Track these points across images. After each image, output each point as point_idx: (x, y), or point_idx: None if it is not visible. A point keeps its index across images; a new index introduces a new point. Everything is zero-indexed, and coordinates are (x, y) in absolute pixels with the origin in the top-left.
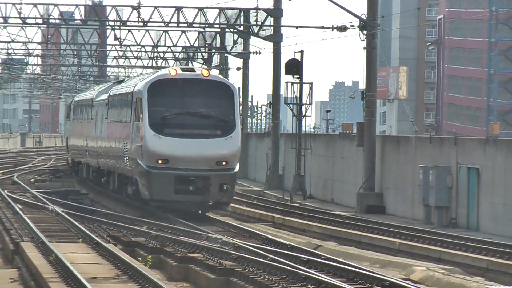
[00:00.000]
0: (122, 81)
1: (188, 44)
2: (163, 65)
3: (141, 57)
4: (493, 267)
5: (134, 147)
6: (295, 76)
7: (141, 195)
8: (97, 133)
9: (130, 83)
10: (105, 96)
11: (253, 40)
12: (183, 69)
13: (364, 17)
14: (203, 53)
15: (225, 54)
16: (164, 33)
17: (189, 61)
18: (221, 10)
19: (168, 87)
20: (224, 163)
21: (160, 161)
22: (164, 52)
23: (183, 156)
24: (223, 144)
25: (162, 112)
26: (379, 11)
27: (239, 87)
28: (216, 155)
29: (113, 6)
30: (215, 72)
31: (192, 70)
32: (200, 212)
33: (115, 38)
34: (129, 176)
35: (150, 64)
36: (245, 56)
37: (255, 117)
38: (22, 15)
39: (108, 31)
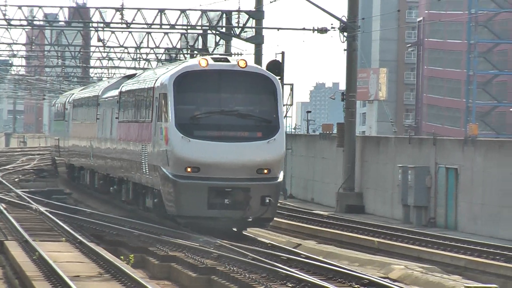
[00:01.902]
0: (133, 75)
1: (170, 46)
2: (146, 66)
3: (124, 59)
4: (471, 266)
5: (157, 152)
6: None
7: (166, 209)
8: (105, 134)
9: (149, 77)
10: (114, 93)
11: (235, 41)
12: (215, 59)
13: (344, 19)
14: (186, 55)
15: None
16: (147, 34)
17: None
18: (203, 12)
19: (198, 81)
20: (266, 171)
21: (189, 169)
22: (147, 54)
23: (217, 163)
24: (266, 149)
25: (192, 111)
26: (360, 13)
27: None
28: (257, 162)
29: (96, 8)
30: (252, 63)
31: (226, 60)
32: (235, 229)
33: (99, 39)
34: (148, 186)
35: (133, 66)
36: None
37: None
38: (6, 17)
39: (92, 32)
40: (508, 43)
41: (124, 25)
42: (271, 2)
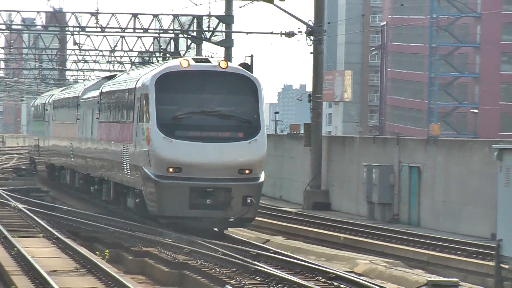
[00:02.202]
0: (113, 76)
1: (144, 49)
2: (120, 68)
3: (99, 61)
4: (433, 260)
5: (138, 152)
6: None
7: (148, 210)
8: (85, 135)
9: (130, 78)
10: (95, 94)
11: (205, 45)
12: (196, 60)
13: (311, 23)
14: (158, 58)
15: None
16: (121, 38)
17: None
18: (175, 16)
19: (179, 81)
20: (247, 171)
21: (171, 170)
22: (121, 57)
23: (199, 164)
24: (247, 149)
25: (173, 111)
26: (326, 17)
27: None
28: (238, 162)
29: (72, 13)
30: (233, 64)
31: (207, 61)
32: (216, 229)
33: (75, 43)
34: (130, 186)
35: (108, 68)
36: None
37: None
38: None
39: (68, 36)
40: (468, 47)
41: (99, 29)
42: (240, 7)
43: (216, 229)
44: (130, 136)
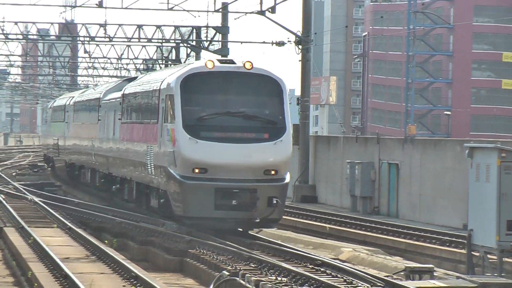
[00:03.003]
0: (134, 78)
1: (148, 57)
2: (126, 74)
3: (107, 68)
4: (410, 248)
5: (163, 152)
6: None
7: (173, 210)
8: (107, 135)
9: (154, 79)
10: (116, 95)
11: (204, 53)
12: (221, 61)
13: (299, 33)
14: (161, 65)
15: None
16: (127, 47)
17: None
18: (176, 27)
19: (204, 82)
20: (273, 172)
21: (196, 170)
22: (127, 64)
23: (224, 164)
24: (272, 150)
25: (199, 112)
26: (312, 28)
27: None
28: (264, 163)
29: (83, 24)
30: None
31: (232, 61)
32: (241, 230)
33: (85, 51)
34: (153, 187)
35: (115, 74)
36: None
37: None
38: (4, 31)
39: (79, 45)
40: (441, 55)
41: (107, 39)
42: (235, 19)
43: (240, 230)
44: (155, 137)
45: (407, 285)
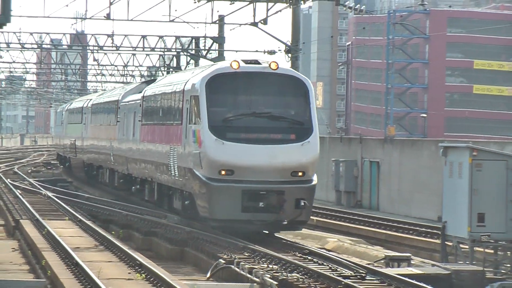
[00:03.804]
0: (152, 80)
1: (151, 65)
2: (132, 81)
3: (114, 75)
4: (390, 239)
5: (189, 154)
6: None
7: (199, 212)
8: (126, 136)
9: (176, 80)
10: (136, 97)
11: (202, 61)
12: (246, 61)
13: (289, 43)
14: (163, 72)
15: None
16: (132, 55)
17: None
18: (177, 37)
19: (230, 83)
20: (300, 173)
21: (223, 172)
22: (133, 71)
23: (251, 166)
24: (300, 151)
25: (225, 113)
26: (301, 38)
27: None
28: (291, 165)
29: (92, 35)
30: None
31: (257, 62)
32: (267, 232)
33: (94, 59)
34: (176, 188)
35: (121, 80)
36: None
37: None
38: (21, 41)
39: (89, 54)
40: (418, 62)
41: (114, 48)
42: (230, 30)
43: (266, 232)
44: (179, 138)
45: (387, 272)
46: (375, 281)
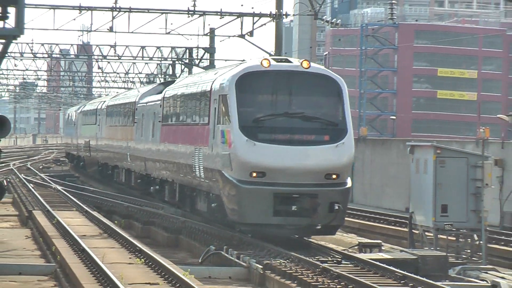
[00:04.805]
0: (171, 82)
1: (149, 72)
2: (132, 86)
3: (117, 81)
4: (363, 227)
5: (217, 155)
6: None
7: (228, 216)
8: (145, 137)
9: (201, 79)
10: (155, 98)
11: (195, 69)
12: (276, 60)
13: (272, 53)
14: (160, 79)
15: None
16: (132, 64)
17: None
18: (173, 48)
19: (260, 82)
20: (334, 176)
21: (254, 174)
22: (133, 78)
23: (284, 168)
24: (334, 153)
25: (255, 113)
26: (283, 48)
27: None
28: (325, 167)
29: (97, 45)
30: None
31: (288, 60)
32: (297, 236)
33: (98, 67)
34: (201, 190)
35: (123, 86)
36: None
37: None
38: (33, 51)
39: (94, 62)
40: (388, 70)
41: (117, 57)
42: (220, 41)
43: (296, 236)
44: (205, 139)
45: (360, 257)
46: (349, 265)
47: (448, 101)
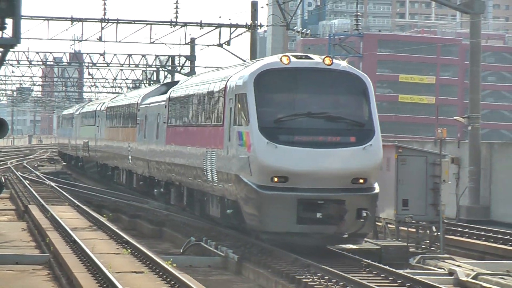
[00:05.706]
0: (175, 82)
1: (135, 78)
2: (120, 91)
3: (106, 86)
4: None
5: (234, 159)
6: None
7: (247, 223)
8: (148, 139)
9: (213, 78)
10: (159, 99)
11: (177, 76)
12: (296, 56)
13: (248, 60)
14: (145, 84)
15: None
16: (120, 71)
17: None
18: (157, 56)
19: (281, 79)
20: (362, 180)
21: (276, 179)
22: (120, 83)
23: (308, 172)
24: (361, 156)
25: (276, 113)
26: (258, 56)
27: None
28: (352, 171)
29: (87, 53)
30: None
31: (308, 57)
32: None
33: (89, 74)
34: (214, 195)
35: (112, 91)
36: None
37: None
38: (29, 59)
39: (84, 69)
40: None
41: (105, 65)
42: (200, 50)
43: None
44: (219, 141)
45: (329, 248)
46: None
47: (409, 105)
